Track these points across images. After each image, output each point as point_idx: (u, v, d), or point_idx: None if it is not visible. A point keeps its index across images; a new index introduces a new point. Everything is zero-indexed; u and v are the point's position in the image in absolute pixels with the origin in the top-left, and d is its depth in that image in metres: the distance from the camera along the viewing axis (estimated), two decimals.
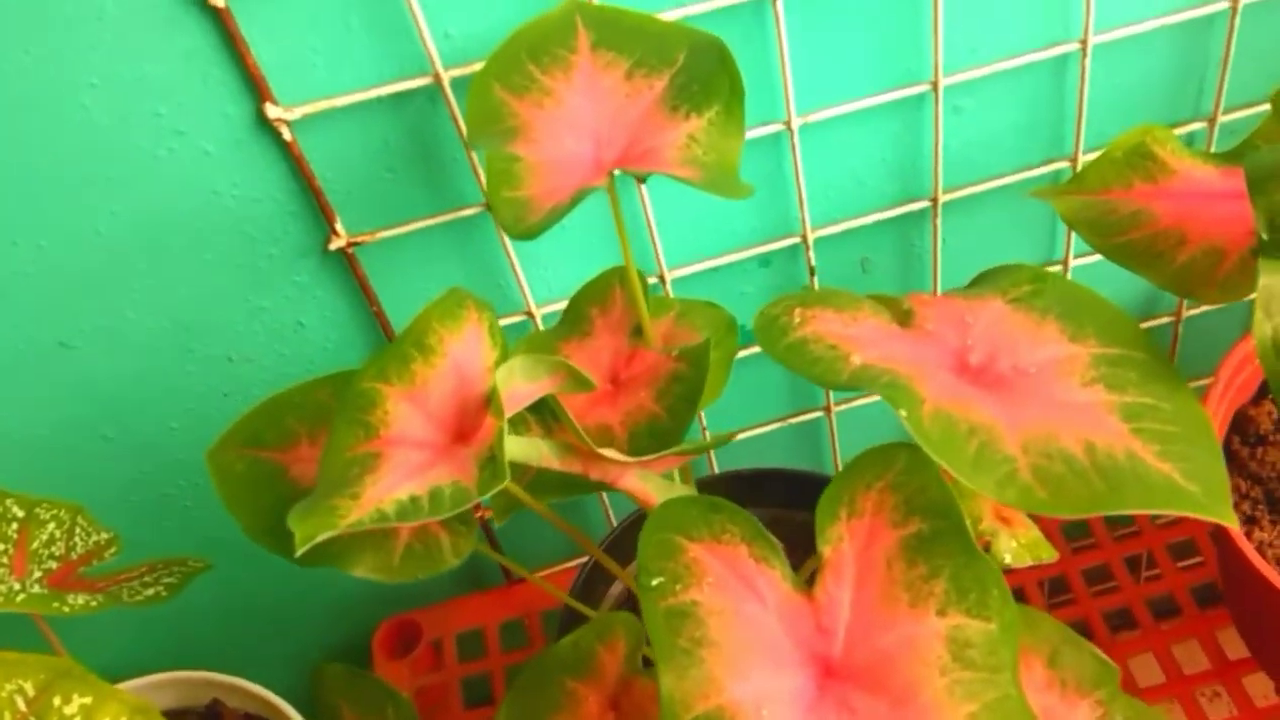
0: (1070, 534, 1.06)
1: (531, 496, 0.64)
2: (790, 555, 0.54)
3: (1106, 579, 1.03)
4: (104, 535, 0.85)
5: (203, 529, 1.01)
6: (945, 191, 0.90)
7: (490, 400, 0.53)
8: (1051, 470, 0.50)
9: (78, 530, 0.84)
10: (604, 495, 1.06)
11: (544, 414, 0.65)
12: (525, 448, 0.57)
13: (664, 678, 0.48)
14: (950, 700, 0.47)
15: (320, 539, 0.50)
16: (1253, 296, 0.54)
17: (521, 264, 0.87)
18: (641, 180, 0.64)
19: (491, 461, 0.51)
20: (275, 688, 0.99)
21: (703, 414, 1.01)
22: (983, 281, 0.63)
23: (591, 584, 0.89)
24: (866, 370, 0.54)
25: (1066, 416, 0.53)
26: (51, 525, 0.83)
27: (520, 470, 0.66)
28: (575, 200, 0.59)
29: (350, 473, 0.54)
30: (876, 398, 1.04)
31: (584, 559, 0.91)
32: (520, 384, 0.54)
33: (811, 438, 1.10)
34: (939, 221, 0.92)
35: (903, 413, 0.52)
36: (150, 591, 0.83)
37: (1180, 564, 1.03)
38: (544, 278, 0.89)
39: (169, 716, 1.06)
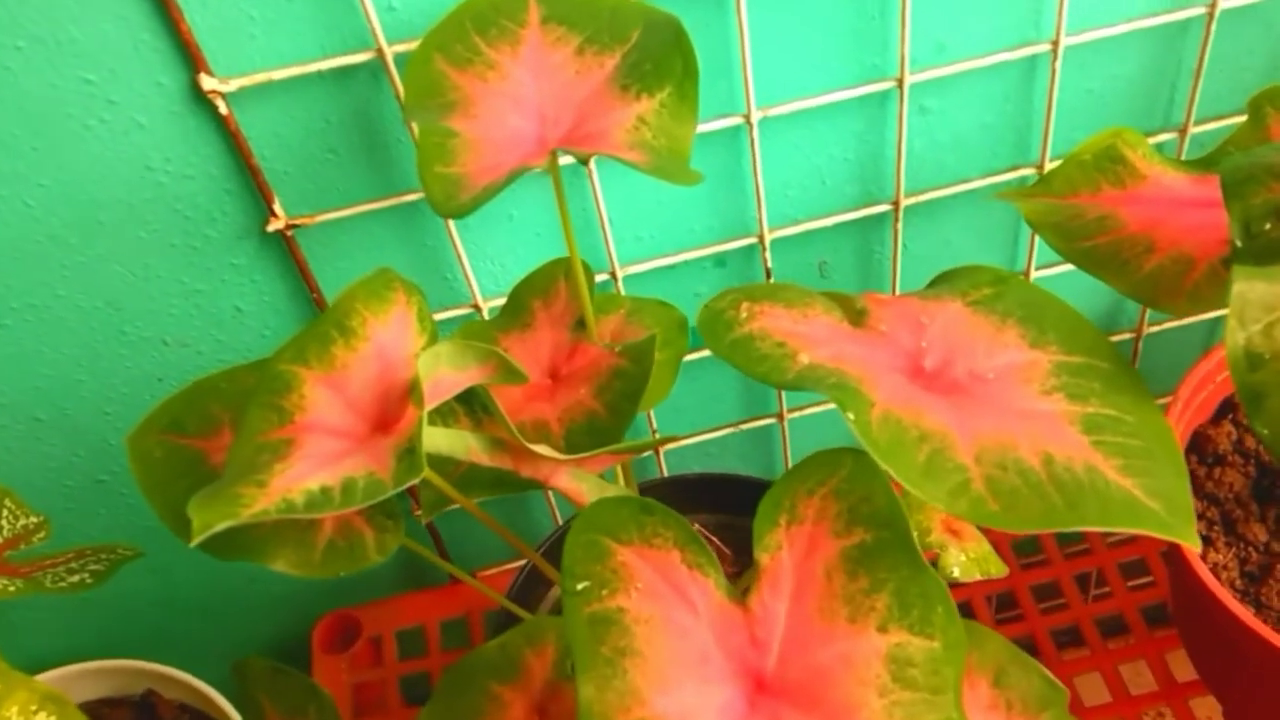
0: (1020, 550, 1.05)
1: (461, 493, 0.61)
2: (736, 562, 0.52)
3: (1056, 596, 1.01)
4: (32, 519, 0.83)
5: (137, 518, 0.98)
6: (908, 195, 0.88)
7: (412, 388, 0.50)
8: (1006, 482, 0.48)
9: (4, 513, 0.82)
10: (550, 495, 1.03)
11: (474, 406, 0.62)
12: (452, 440, 0.54)
13: (583, 689, 0.45)
14: None
15: (219, 529, 0.46)
16: (1222, 312, 0.52)
17: (469, 255, 0.84)
18: (584, 161, 0.62)
19: (410, 453, 0.48)
20: (213, 680, 0.98)
21: (653, 417, 0.99)
22: (942, 282, 0.60)
23: (530, 586, 0.86)
24: (814, 370, 0.52)
25: (1024, 426, 0.51)
26: None
27: (448, 465, 0.63)
28: (510, 178, 0.56)
29: (260, 459, 0.51)
30: (829, 405, 1.03)
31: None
32: (446, 372, 0.51)
33: (763, 444, 1.07)
34: (900, 226, 0.89)
35: (850, 416, 0.49)
36: (75, 579, 0.81)
37: (1131, 583, 1.01)
38: (491, 271, 0.86)
39: (103, 705, 1.05)
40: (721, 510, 0.86)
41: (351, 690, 1.02)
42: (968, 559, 0.78)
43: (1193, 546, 0.47)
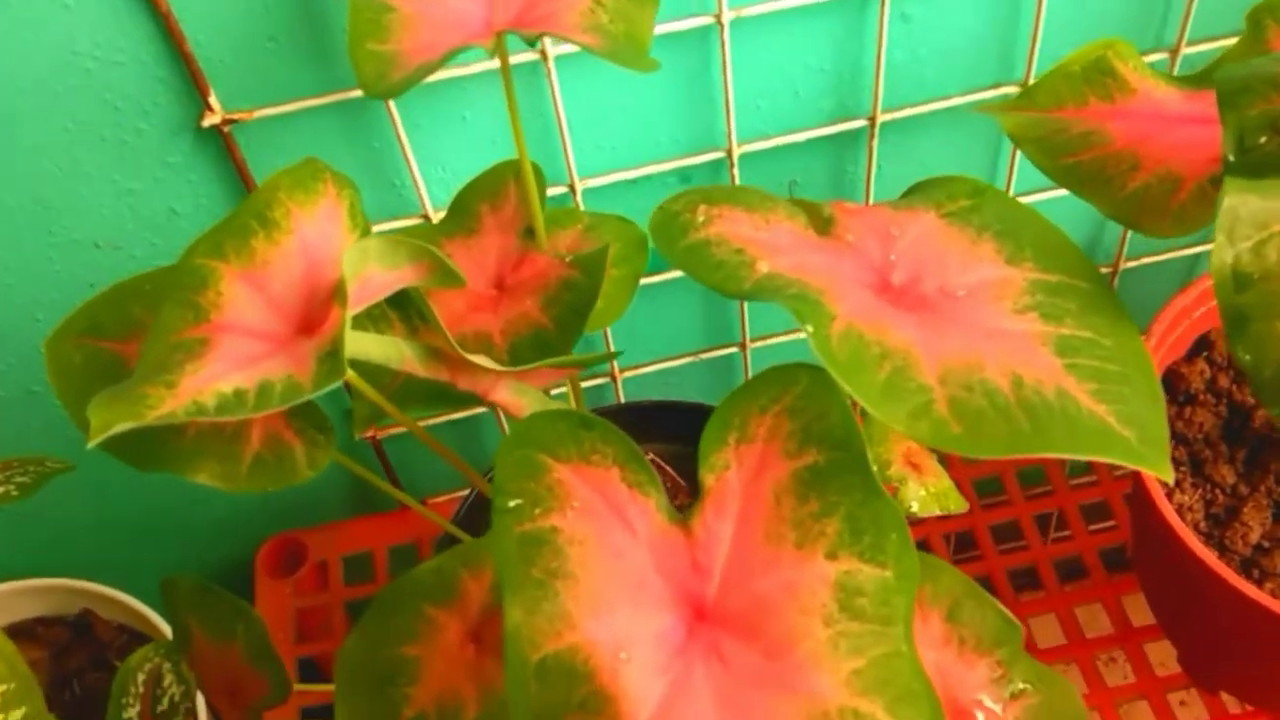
0: (981, 489, 1.02)
1: (398, 407, 0.57)
2: (691, 493, 0.48)
3: (1015, 536, 1.00)
4: None
5: (74, 431, 0.93)
6: (885, 111, 0.84)
7: (338, 285, 0.46)
8: (971, 404, 0.45)
9: None
10: (503, 419, 1.00)
11: (409, 313, 0.58)
12: (384, 347, 0.51)
13: (511, 611, 0.42)
14: (832, 654, 0.41)
15: (118, 430, 0.42)
16: (1205, 247, 0.48)
17: (419, 161, 0.80)
18: (531, 43, 0.57)
19: (332, 355, 0.44)
20: (155, 602, 0.96)
21: (611, 343, 0.95)
22: (916, 192, 0.57)
23: (478, 512, 0.83)
24: (773, 280, 0.48)
25: (994, 346, 0.47)
26: None
27: (383, 377, 0.60)
28: (447, 57, 0.52)
29: (172, 359, 0.47)
30: (794, 335, 1.00)
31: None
32: (375, 270, 0.47)
33: (725, 374, 1.05)
34: (875, 144, 0.86)
35: (809, 329, 0.45)
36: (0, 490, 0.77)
37: (1092, 526, 1.00)
38: (443, 179, 0.82)
39: (38, 624, 1.04)
40: (678, 440, 0.82)
41: (295, 615, 1.00)
42: (927, 494, 0.75)
43: (1165, 478, 0.44)
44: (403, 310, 0.58)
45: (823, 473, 0.44)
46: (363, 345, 0.49)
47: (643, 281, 0.90)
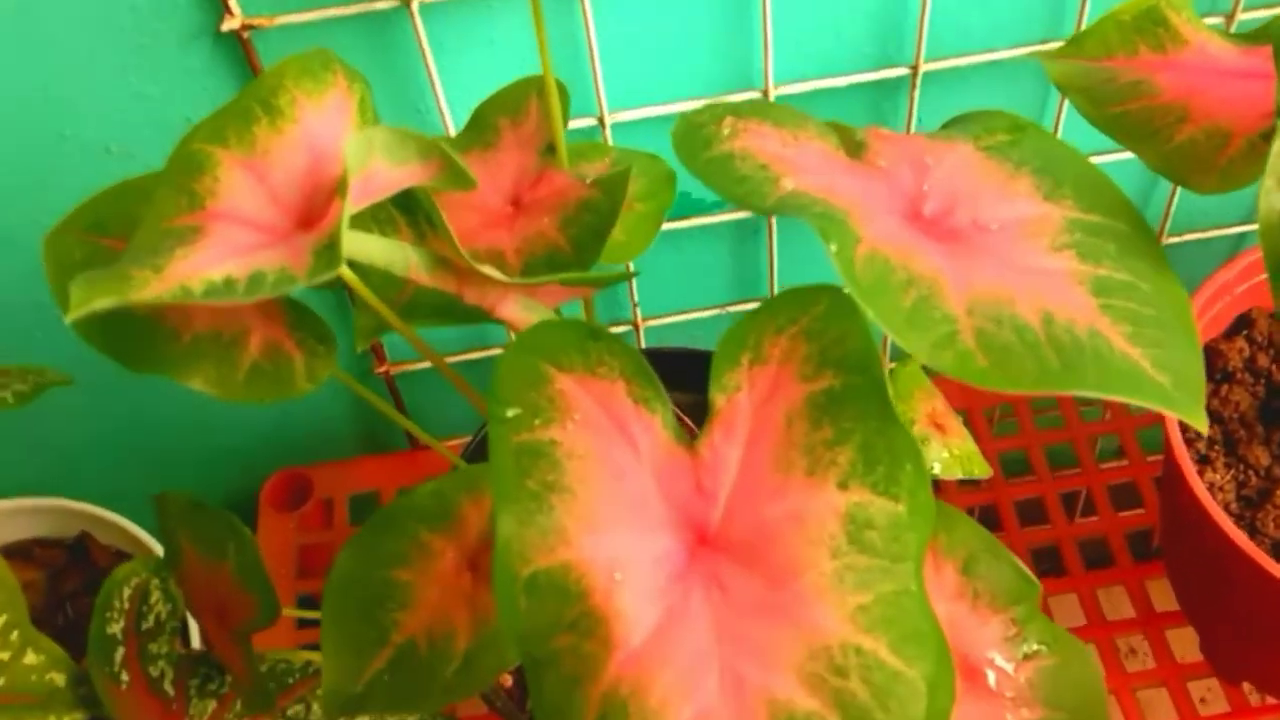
0: (1008, 467, 0.99)
1: (403, 321, 0.55)
2: None
3: (1040, 517, 0.97)
4: None
5: (82, 350, 0.91)
6: (929, 60, 0.81)
7: (341, 177, 0.44)
8: (998, 337, 0.42)
9: None
10: None
11: (417, 218, 0.55)
12: (388, 250, 0.48)
13: (503, 523, 0.40)
14: (837, 587, 0.39)
15: (99, 308, 0.40)
16: (1250, 227, 0.46)
17: (443, 84, 0.77)
18: None
19: (329, 248, 0.42)
20: (155, 529, 0.92)
21: (635, 290, 0.93)
22: (955, 125, 0.54)
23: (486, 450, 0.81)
24: (798, 197, 0.46)
25: (1026, 281, 0.45)
26: None
27: (390, 290, 0.57)
28: None
29: (162, 245, 0.45)
30: None
31: None
32: (381, 164, 0.45)
33: None
34: (916, 94, 0.83)
35: (832, 247, 0.43)
36: None
37: (1119, 511, 0.97)
38: (467, 103, 0.78)
39: (35, 544, 1.02)
40: (699, 389, 0.80)
41: (297, 550, 0.99)
42: (950, 455, 0.72)
43: (1200, 427, 0.42)
44: (410, 215, 0.56)
45: (838, 398, 0.42)
46: (365, 246, 0.47)
47: (670, 228, 0.88)
